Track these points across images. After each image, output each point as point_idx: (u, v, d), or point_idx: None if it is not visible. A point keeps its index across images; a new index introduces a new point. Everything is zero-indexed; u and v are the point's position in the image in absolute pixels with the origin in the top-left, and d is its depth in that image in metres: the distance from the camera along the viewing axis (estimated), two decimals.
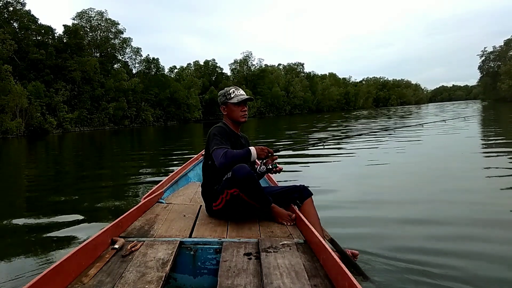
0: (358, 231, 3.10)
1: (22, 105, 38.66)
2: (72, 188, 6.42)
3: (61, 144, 22.60)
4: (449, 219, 3.29)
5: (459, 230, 3.03)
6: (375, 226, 3.20)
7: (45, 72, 46.73)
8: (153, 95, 60.21)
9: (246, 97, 2.61)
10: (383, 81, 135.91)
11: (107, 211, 4.37)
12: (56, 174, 8.53)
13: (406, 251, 2.57)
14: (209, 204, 2.50)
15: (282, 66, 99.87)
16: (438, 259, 2.42)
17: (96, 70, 51.41)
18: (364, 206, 3.93)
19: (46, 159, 13.17)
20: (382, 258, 2.43)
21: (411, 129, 12.93)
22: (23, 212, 4.74)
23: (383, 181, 5.21)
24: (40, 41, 50.01)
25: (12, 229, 3.86)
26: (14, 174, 9.29)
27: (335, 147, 9.50)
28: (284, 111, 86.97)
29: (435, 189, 4.47)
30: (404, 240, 2.81)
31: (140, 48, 65.21)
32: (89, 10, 58.77)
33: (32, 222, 4.08)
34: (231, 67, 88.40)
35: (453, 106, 51.19)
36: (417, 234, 2.96)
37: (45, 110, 43.55)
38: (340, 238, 2.40)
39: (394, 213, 3.57)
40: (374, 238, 2.86)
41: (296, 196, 2.54)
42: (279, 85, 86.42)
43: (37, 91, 42.71)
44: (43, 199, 5.53)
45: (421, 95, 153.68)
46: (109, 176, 7.68)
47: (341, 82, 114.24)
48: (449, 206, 3.73)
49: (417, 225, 3.20)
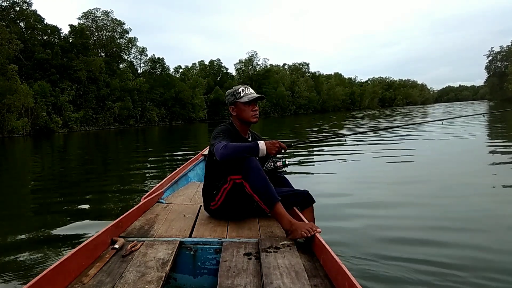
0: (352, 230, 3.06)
1: (28, 105, 38.82)
2: (73, 188, 6.39)
3: (66, 143, 22.69)
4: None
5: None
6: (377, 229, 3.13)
7: (51, 72, 46.99)
8: (158, 95, 60.40)
9: (257, 95, 2.46)
10: (389, 81, 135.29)
11: (107, 211, 4.37)
12: (59, 174, 8.50)
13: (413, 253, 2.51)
14: (207, 203, 2.44)
15: (287, 66, 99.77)
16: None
17: (101, 70, 51.62)
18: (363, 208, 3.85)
19: (51, 158, 13.18)
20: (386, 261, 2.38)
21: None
22: (23, 212, 4.75)
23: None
24: (46, 41, 50.41)
25: (12, 229, 3.86)
26: (17, 174, 9.27)
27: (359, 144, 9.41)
28: (289, 111, 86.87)
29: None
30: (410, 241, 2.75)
31: (146, 48, 65.70)
32: (95, 10, 59.14)
33: (32, 222, 4.08)
34: (236, 67, 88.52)
35: (461, 107, 50.98)
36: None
37: (51, 110, 43.77)
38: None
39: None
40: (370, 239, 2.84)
41: (298, 201, 2.41)
42: (284, 85, 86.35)
43: (43, 91, 42.96)
44: (45, 199, 5.50)
45: (427, 95, 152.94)
46: (111, 177, 7.63)
47: (347, 82, 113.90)
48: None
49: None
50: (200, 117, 66.54)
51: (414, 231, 3.04)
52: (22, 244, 3.28)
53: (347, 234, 3.01)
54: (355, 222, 3.39)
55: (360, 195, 4.46)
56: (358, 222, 3.36)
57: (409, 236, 2.93)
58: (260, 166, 2.17)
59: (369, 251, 2.58)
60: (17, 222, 4.20)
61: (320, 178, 5.86)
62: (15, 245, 3.29)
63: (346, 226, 3.26)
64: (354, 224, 3.32)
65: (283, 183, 2.62)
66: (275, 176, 2.56)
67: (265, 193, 2.09)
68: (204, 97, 68.69)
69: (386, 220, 3.43)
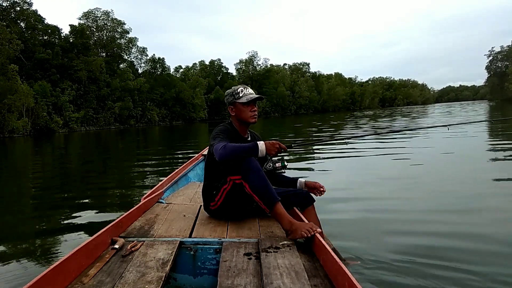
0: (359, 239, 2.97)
1: (29, 105, 38.97)
2: (73, 188, 6.40)
3: (67, 143, 22.77)
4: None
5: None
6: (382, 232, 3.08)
7: (51, 72, 47.15)
8: (158, 95, 60.55)
9: (256, 96, 2.45)
10: (389, 81, 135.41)
11: (108, 211, 4.37)
12: (59, 174, 8.52)
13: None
14: (207, 204, 2.44)
15: (287, 66, 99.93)
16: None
17: (102, 70, 51.78)
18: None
19: (51, 158, 13.21)
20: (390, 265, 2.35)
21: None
22: (23, 212, 4.75)
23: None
24: (46, 41, 50.58)
25: (12, 229, 3.87)
26: (17, 173, 9.28)
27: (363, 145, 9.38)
28: (289, 111, 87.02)
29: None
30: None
31: (146, 48, 65.86)
32: (96, 10, 59.35)
33: (32, 222, 4.08)
34: (237, 67, 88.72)
35: (460, 107, 51.06)
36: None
37: (51, 110, 43.90)
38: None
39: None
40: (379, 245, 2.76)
41: (298, 201, 2.39)
42: (284, 85, 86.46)
43: (43, 91, 43.12)
44: (45, 199, 5.51)
45: (427, 95, 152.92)
46: (111, 176, 7.66)
47: (347, 82, 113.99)
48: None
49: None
50: (200, 117, 66.62)
51: (415, 231, 3.02)
52: (22, 244, 3.28)
53: (347, 234, 2.99)
54: (355, 221, 3.36)
55: (360, 194, 4.44)
56: (358, 222, 3.34)
57: (409, 236, 2.90)
58: (260, 166, 2.15)
59: (369, 251, 2.57)
60: (17, 222, 4.19)
61: (320, 177, 5.72)
62: (15, 245, 3.28)
63: (346, 225, 3.23)
64: (354, 224, 3.30)
65: (281, 182, 2.63)
66: (274, 175, 2.52)
67: (265, 193, 2.08)
68: (205, 97, 68.79)
69: (386, 220, 3.40)
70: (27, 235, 3.54)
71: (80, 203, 4.98)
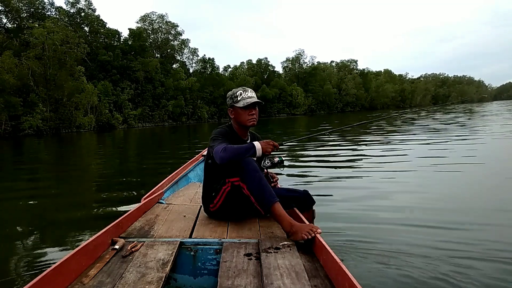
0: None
1: (93, 103, 41.52)
2: (91, 186, 6.46)
3: (126, 138, 23.42)
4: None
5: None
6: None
7: (112, 72, 49.66)
8: (208, 93, 61.92)
9: (253, 101, 2.38)
10: (443, 78, 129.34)
11: (108, 211, 4.32)
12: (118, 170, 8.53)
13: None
14: (207, 205, 2.42)
15: (334, 63, 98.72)
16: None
17: (157, 70, 53.95)
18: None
19: (112, 151, 13.56)
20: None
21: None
22: (23, 212, 4.68)
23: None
24: (108, 44, 53.47)
25: (12, 229, 3.86)
26: (84, 167, 9.71)
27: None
28: (335, 109, 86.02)
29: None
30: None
31: (197, 49, 68.48)
32: (151, 13, 61.82)
33: (32, 222, 4.07)
34: (283, 65, 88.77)
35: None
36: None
37: (112, 107, 46.40)
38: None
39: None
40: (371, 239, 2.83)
41: (297, 202, 2.40)
42: (331, 82, 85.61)
43: (105, 90, 45.49)
44: (47, 199, 5.45)
45: (484, 92, 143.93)
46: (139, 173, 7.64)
47: (397, 79, 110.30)
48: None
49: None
50: None
51: (415, 231, 3.01)
52: (22, 244, 3.27)
53: (347, 234, 2.99)
54: (355, 222, 3.35)
55: (360, 194, 4.41)
56: (358, 222, 3.34)
57: (410, 236, 2.89)
58: (258, 167, 2.13)
59: (370, 251, 2.57)
60: (17, 222, 4.14)
61: (320, 177, 5.78)
62: (16, 245, 3.27)
63: (346, 226, 3.22)
64: (354, 224, 3.29)
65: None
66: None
67: (262, 194, 2.05)
68: None
69: (386, 220, 3.39)
70: (27, 236, 3.56)
71: (82, 204, 4.96)
